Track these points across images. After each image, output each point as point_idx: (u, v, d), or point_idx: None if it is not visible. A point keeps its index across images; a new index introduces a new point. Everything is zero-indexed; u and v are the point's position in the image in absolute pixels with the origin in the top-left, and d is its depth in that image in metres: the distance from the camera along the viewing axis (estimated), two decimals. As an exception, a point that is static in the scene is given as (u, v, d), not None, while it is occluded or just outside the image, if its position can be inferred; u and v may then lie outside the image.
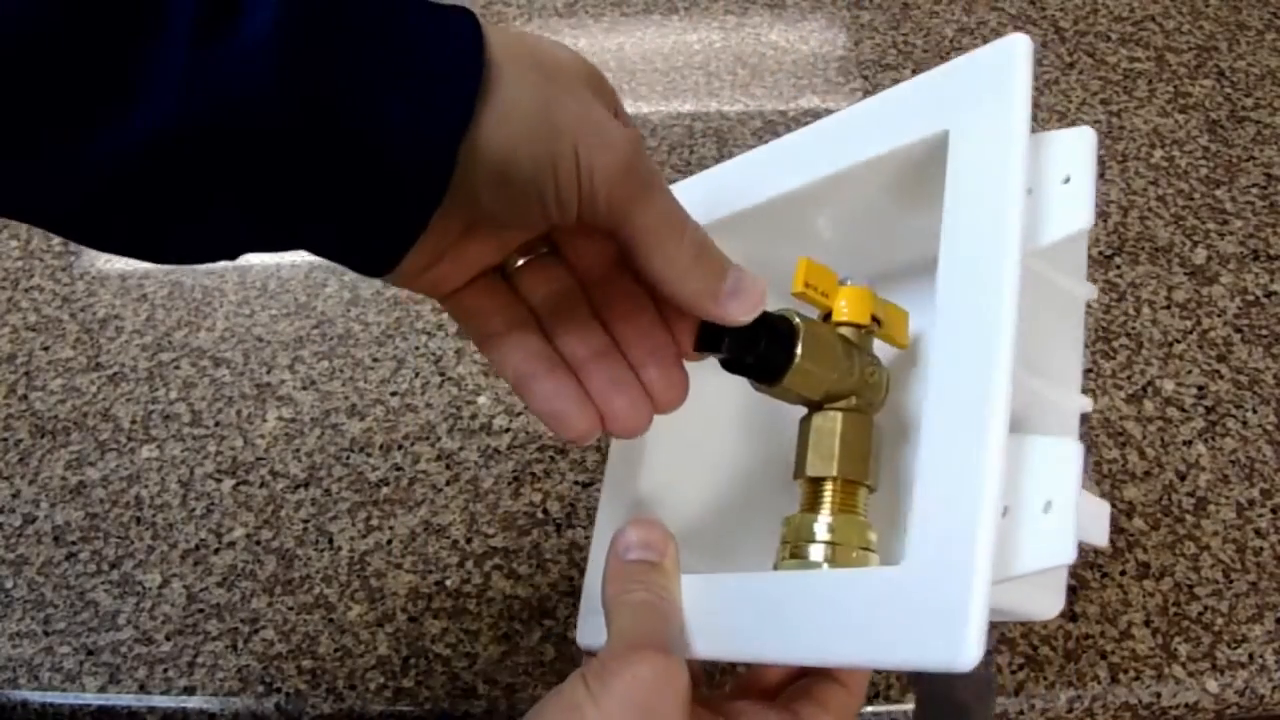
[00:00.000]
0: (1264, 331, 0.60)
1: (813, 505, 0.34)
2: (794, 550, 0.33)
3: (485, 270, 0.34)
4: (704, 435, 0.41)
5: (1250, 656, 0.48)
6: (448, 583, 0.51)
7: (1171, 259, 0.63)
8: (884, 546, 0.34)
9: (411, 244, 0.30)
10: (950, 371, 0.29)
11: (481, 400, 0.57)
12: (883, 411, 0.36)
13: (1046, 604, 0.32)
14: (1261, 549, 0.51)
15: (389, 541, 0.52)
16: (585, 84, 0.30)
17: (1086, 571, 0.51)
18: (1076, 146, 0.31)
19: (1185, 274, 0.62)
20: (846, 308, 0.35)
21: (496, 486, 0.54)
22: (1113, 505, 0.53)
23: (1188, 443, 0.55)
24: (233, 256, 0.30)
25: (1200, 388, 0.57)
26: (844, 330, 0.35)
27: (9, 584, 0.51)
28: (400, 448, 0.55)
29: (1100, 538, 0.30)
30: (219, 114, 0.26)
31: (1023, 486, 0.27)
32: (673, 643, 0.31)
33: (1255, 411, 0.57)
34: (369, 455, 0.55)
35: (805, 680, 0.34)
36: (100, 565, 0.52)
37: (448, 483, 0.54)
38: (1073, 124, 0.70)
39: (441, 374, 0.58)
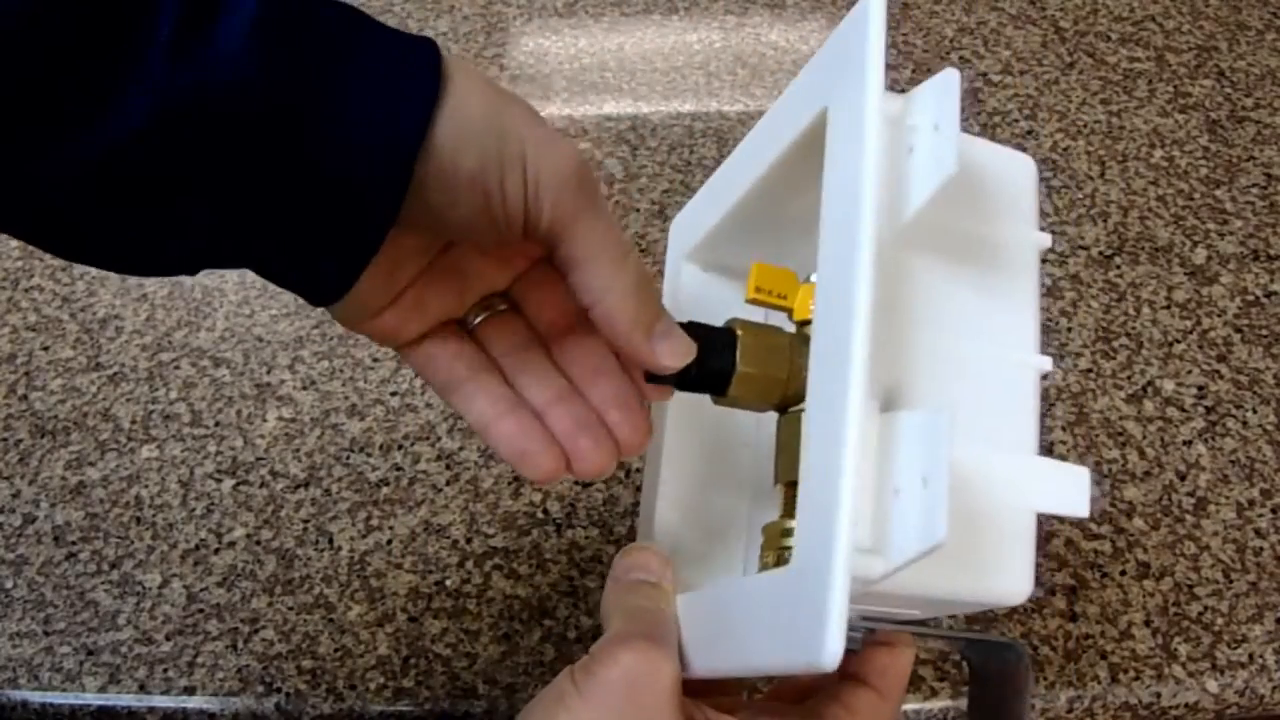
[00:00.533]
0: (1264, 331, 0.60)
1: (790, 510, 0.33)
2: (774, 557, 0.33)
3: (444, 321, 0.35)
4: (721, 449, 0.40)
5: (1250, 656, 0.48)
6: (448, 583, 0.51)
7: (1171, 259, 0.63)
8: None
9: (373, 253, 0.30)
10: (822, 355, 0.28)
11: (481, 400, 0.57)
12: None
13: (1008, 587, 0.28)
14: (1261, 549, 0.51)
15: (389, 541, 0.52)
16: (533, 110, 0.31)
17: (1086, 571, 0.51)
18: (942, 91, 0.29)
19: (1185, 274, 0.62)
20: (805, 306, 0.34)
21: (496, 486, 0.54)
22: (1113, 505, 0.53)
23: (1188, 443, 0.55)
24: (193, 271, 0.30)
25: (1200, 388, 0.57)
26: (808, 329, 0.34)
27: (9, 584, 0.51)
28: (400, 448, 0.55)
29: (1078, 507, 0.29)
30: (199, 113, 0.26)
31: (906, 466, 0.26)
32: (663, 639, 0.31)
33: (1255, 411, 0.57)
34: (369, 455, 0.55)
35: (836, 684, 0.33)
36: (100, 565, 0.52)
37: (448, 483, 0.54)
38: (1072, 124, 0.70)
39: (441, 374, 0.58)
